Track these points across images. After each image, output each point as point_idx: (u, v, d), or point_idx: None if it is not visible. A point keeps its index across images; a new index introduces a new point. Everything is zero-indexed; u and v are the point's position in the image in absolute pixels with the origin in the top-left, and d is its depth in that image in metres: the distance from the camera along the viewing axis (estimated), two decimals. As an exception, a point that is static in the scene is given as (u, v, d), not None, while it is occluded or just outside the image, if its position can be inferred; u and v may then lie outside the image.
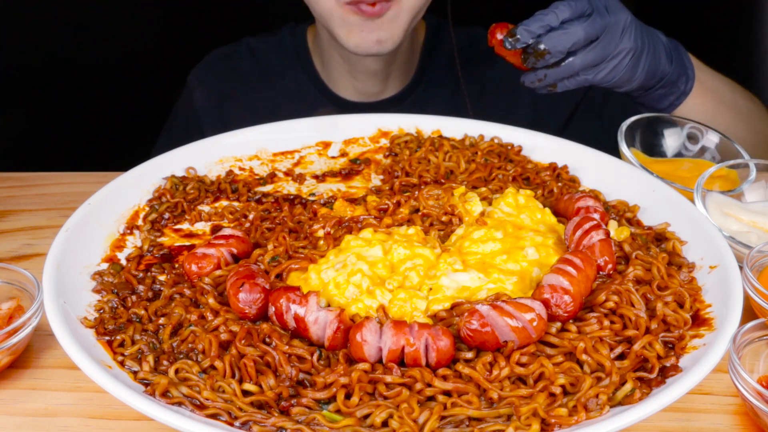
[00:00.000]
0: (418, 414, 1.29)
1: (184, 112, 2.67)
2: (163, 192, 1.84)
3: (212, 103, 2.61)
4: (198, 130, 2.53)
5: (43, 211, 2.03)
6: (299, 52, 2.60)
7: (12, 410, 1.45)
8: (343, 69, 2.51)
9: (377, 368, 1.35)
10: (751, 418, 1.43)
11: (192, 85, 2.65)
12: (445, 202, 1.75)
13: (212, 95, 2.62)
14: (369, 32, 2.18)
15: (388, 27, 2.19)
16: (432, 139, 2.00)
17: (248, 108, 2.57)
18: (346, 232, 1.68)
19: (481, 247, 1.57)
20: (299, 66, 2.59)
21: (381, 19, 2.17)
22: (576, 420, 1.27)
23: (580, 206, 1.70)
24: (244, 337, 1.40)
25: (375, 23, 2.17)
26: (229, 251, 1.62)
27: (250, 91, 2.61)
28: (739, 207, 1.82)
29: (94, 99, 3.28)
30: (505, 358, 1.36)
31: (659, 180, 1.84)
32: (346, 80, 2.53)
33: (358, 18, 2.16)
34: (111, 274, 1.61)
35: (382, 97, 2.55)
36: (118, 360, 1.40)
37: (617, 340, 1.41)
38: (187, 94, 2.65)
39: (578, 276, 1.45)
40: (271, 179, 1.95)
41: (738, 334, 1.40)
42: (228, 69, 2.64)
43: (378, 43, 2.20)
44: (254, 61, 2.64)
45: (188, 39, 3.26)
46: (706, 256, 1.61)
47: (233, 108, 2.58)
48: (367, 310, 1.46)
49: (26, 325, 1.49)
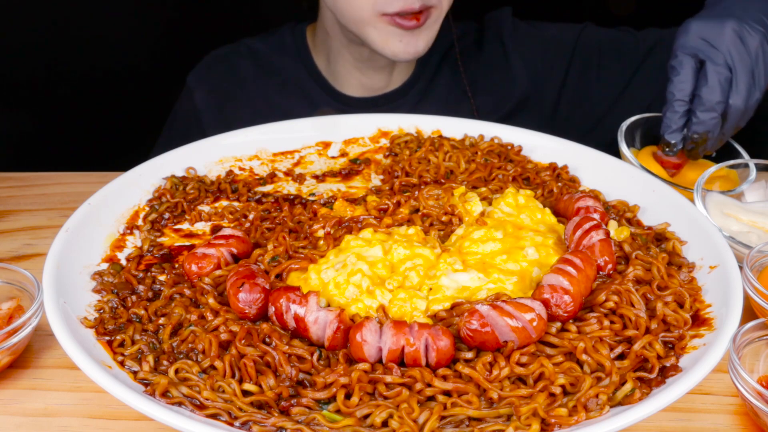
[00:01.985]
0: (418, 414, 1.29)
1: (183, 113, 2.67)
2: (163, 192, 1.84)
3: (212, 103, 2.61)
4: (199, 130, 2.53)
5: (43, 211, 2.03)
6: (300, 50, 2.60)
7: (12, 410, 1.45)
8: (351, 66, 2.51)
9: (377, 368, 1.35)
10: (751, 418, 1.43)
11: (191, 87, 2.64)
12: (445, 202, 1.75)
13: (212, 96, 2.62)
14: (407, 43, 2.21)
15: (425, 35, 2.22)
16: (432, 139, 2.00)
17: (249, 106, 2.57)
18: (346, 232, 1.68)
19: (481, 247, 1.57)
20: (300, 64, 2.60)
21: (420, 28, 2.20)
22: (576, 420, 1.27)
23: (580, 206, 1.70)
24: (244, 337, 1.40)
25: (413, 33, 2.20)
26: (229, 251, 1.62)
27: (251, 89, 2.61)
28: (739, 207, 1.82)
29: (94, 99, 3.28)
30: (505, 358, 1.36)
31: (659, 180, 1.84)
32: (352, 77, 2.54)
33: (396, 29, 2.19)
34: (111, 274, 1.61)
35: (386, 91, 2.56)
36: (118, 360, 1.41)
37: (617, 340, 1.41)
38: (187, 96, 2.65)
39: (578, 276, 1.45)
40: (271, 179, 1.95)
41: (738, 334, 1.40)
42: (227, 69, 2.64)
43: (416, 50, 2.23)
44: (254, 60, 2.64)
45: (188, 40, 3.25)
46: (706, 256, 1.61)
47: (234, 108, 2.58)
48: (367, 310, 1.46)
49: (26, 325, 1.49)
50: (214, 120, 2.56)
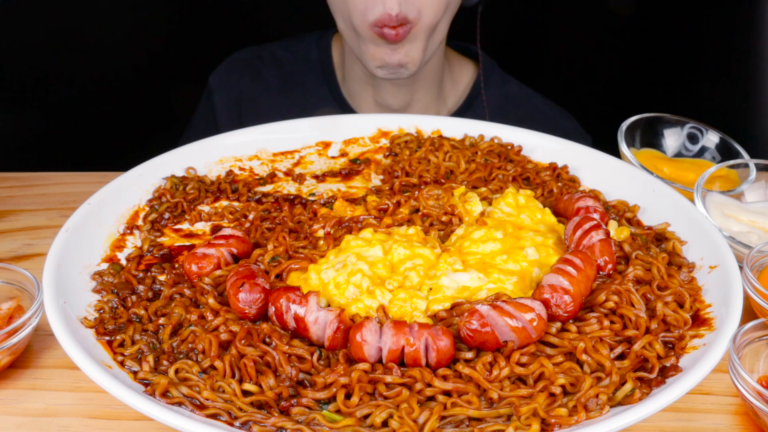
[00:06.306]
0: (418, 414, 1.29)
1: (203, 112, 2.66)
2: (163, 192, 1.84)
3: (231, 107, 2.59)
4: (215, 132, 2.53)
5: (43, 211, 2.03)
6: (324, 66, 2.59)
7: (12, 410, 1.45)
8: (364, 83, 2.50)
9: (377, 368, 1.35)
10: (751, 418, 1.43)
11: (212, 87, 2.63)
12: (445, 202, 1.75)
13: (231, 99, 2.60)
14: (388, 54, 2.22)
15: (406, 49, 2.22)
16: (432, 139, 2.00)
17: (267, 117, 2.56)
18: (346, 232, 1.68)
19: (481, 247, 1.57)
20: (323, 81, 2.59)
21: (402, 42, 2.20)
22: (576, 420, 1.27)
23: (580, 206, 1.70)
24: (244, 337, 1.40)
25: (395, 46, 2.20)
26: (229, 251, 1.62)
27: (270, 100, 2.60)
28: (739, 207, 1.82)
29: (95, 99, 3.29)
30: (505, 358, 1.36)
31: (659, 180, 1.84)
32: (367, 93, 2.53)
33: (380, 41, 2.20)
34: (111, 274, 1.61)
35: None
36: (118, 360, 1.40)
37: (617, 340, 1.41)
38: (207, 96, 2.64)
39: (578, 276, 1.45)
40: (271, 179, 1.95)
41: (738, 334, 1.40)
42: (249, 75, 2.62)
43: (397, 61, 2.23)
44: (277, 70, 2.62)
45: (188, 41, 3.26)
46: (706, 256, 1.61)
47: (251, 116, 2.56)
48: (367, 310, 1.46)
49: (26, 325, 1.49)
50: (229, 123, 2.55)
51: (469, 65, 2.65)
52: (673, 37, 2.80)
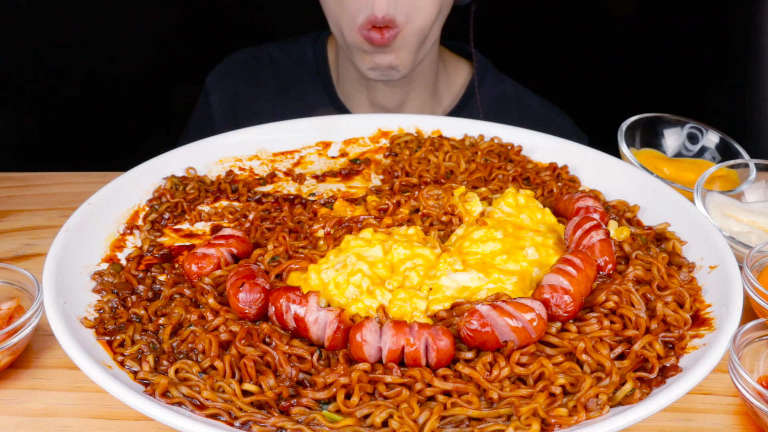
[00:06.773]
0: (418, 414, 1.29)
1: (200, 115, 2.66)
2: (163, 192, 1.84)
3: (227, 108, 2.60)
4: (211, 132, 2.53)
5: (43, 211, 2.03)
6: (319, 67, 2.60)
7: (12, 410, 1.45)
8: (356, 83, 2.51)
9: (377, 368, 1.35)
10: (751, 418, 1.43)
11: (208, 88, 2.64)
12: (445, 202, 1.75)
13: (227, 100, 2.61)
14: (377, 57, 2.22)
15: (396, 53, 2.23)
16: (432, 139, 2.00)
17: (262, 119, 2.56)
18: (346, 232, 1.68)
19: (481, 247, 1.57)
20: (318, 83, 2.59)
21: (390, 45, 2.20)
22: (576, 420, 1.27)
23: (580, 206, 1.70)
24: (244, 337, 1.40)
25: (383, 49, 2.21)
26: (229, 251, 1.62)
27: (266, 101, 2.60)
28: (739, 207, 1.82)
29: (95, 100, 3.29)
30: (505, 358, 1.36)
31: (659, 180, 1.84)
32: (360, 94, 2.53)
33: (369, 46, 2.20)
34: (111, 274, 1.61)
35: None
36: (118, 360, 1.40)
37: (617, 340, 1.41)
38: (204, 97, 2.64)
39: (578, 276, 1.45)
40: (271, 179, 1.95)
41: (738, 334, 1.40)
42: (246, 77, 2.63)
43: (386, 63, 2.23)
44: (273, 71, 2.63)
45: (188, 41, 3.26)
46: (706, 256, 1.61)
47: (247, 117, 2.57)
48: (367, 310, 1.46)
49: (26, 325, 1.49)
50: (225, 124, 2.55)
51: (464, 65, 2.65)
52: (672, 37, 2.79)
